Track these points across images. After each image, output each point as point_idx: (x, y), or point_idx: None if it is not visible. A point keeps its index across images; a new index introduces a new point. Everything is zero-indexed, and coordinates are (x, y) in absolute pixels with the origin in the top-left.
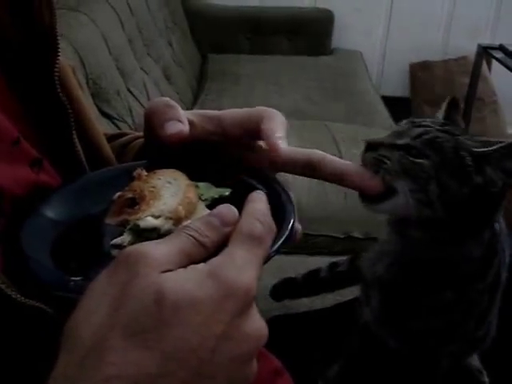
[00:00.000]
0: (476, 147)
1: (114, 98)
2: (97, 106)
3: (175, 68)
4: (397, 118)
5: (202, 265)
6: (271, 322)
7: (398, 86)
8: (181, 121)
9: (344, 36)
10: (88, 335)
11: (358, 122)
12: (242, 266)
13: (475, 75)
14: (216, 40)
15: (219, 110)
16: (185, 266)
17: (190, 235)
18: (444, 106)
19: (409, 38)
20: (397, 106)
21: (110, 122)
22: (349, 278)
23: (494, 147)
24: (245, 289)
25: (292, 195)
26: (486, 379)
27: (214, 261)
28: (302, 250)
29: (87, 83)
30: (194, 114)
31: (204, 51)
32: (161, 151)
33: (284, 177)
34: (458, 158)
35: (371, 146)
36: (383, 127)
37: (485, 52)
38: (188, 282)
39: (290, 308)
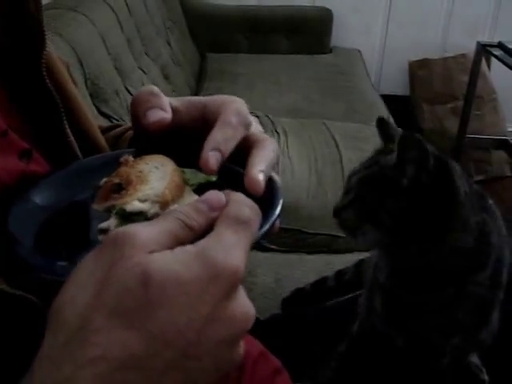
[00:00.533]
0: (389, 160)
1: (112, 97)
2: (95, 106)
3: (173, 67)
4: (396, 116)
5: (189, 246)
6: (270, 321)
7: (397, 84)
8: (163, 109)
9: (343, 34)
10: (73, 316)
11: (357, 120)
12: (229, 248)
13: (474, 73)
14: (215, 39)
15: None
16: (172, 248)
17: (178, 218)
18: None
19: (408, 35)
20: (396, 104)
21: (108, 122)
22: (355, 286)
23: (394, 151)
24: (232, 270)
25: (278, 179)
26: (486, 377)
27: (202, 242)
28: (301, 248)
29: (85, 83)
30: (180, 100)
31: (203, 50)
32: (148, 139)
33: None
34: (384, 178)
35: (336, 213)
36: None
37: (484, 50)
38: (175, 262)
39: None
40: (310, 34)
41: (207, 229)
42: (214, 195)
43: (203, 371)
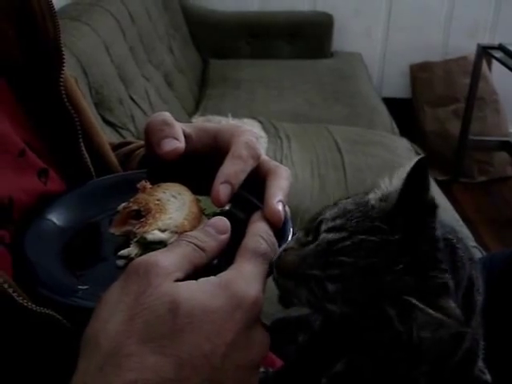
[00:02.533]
0: (407, 290)
1: (116, 106)
2: (100, 115)
3: (176, 74)
4: (399, 119)
5: (212, 278)
6: (274, 325)
7: (399, 88)
8: (177, 138)
9: (344, 39)
10: (106, 343)
11: (359, 124)
12: (249, 280)
13: (475, 75)
14: (217, 45)
15: (221, 114)
16: (189, 272)
17: (191, 242)
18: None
19: (408, 39)
20: (398, 108)
21: (113, 130)
22: None
23: (429, 312)
24: (253, 301)
25: (287, 209)
26: (489, 377)
27: (224, 275)
28: None
29: (90, 92)
30: (192, 126)
31: (205, 56)
32: (161, 164)
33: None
34: (379, 309)
35: (282, 273)
36: (384, 129)
37: (484, 52)
38: (200, 293)
39: (292, 310)
40: (312, 38)
41: (219, 251)
42: (219, 220)
43: None
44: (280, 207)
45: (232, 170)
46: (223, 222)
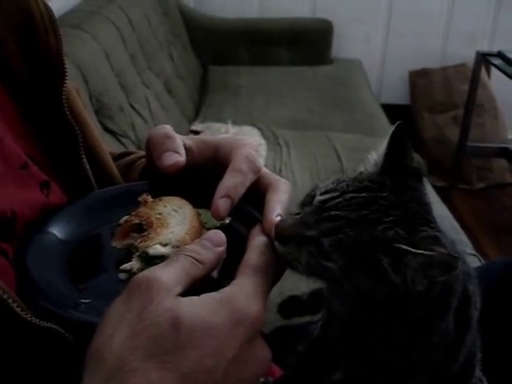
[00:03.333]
0: (399, 239)
1: (116, 113)
2: (100, 123)
3: (176, 81)
4: None
5: (214, 293)
6: (274, 333)
7: (397, 94)
8: (178, 152)
9: (343, 45)
10: (111, 358)
11: (358, 131)
12: (251, 296)
13: (474, 82)
14: (216, 52)
15: (220, 121)
16: (188, 285)
17: (188, 255)
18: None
19: (407, 45)
20: (397, 114)
21: (113, 138)
22: None
23: (420, 252)
24: (254, 317)
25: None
26: None
27: (225, 290)
28: None
29: (90, 100)
30: (193, 139)
31: (205, 63)
32: (162, 177)
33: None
34: (372, 259)
35: (281, 239)
36: (384, 136)
37: (483, 59)
38: (202, 308)
39: (293, 319)
40: (311, 45)
41: (217, 263)
42: (215, 234)
43: None
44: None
45: (232, 184)
46: (219, 235)
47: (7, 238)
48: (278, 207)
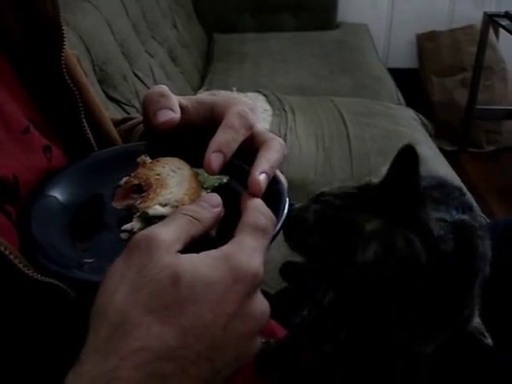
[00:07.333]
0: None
1: (120, 82)
2: (104, 92)
3: (181, 49)
4: (406, 90)
5: (213, 251)
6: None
7: (405, 58)
8: (172, 109)
9: (349, 9)
10: (114, 313)
11: (365, 95)
12: (250, 253)
13: (482, 43)
14: (221, 19)
15: (226, 88)
16: (187, 242)
17: (186, 214)
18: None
19: (414, 8)
20: (405, 78)
21: (117, 107)
22: None
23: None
24: (253, 273)
25: (283, 180)
26: (490, 340)
27: (225, 248)
28: None
29: (93, 70)
30: (189, 99)
31: (209, 31)
32: (159, 137)
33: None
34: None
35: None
36: (390, 100)
37: (491, 20)
38: (202, 264)
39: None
40: (316, 10)
41: (214, 221)
42: (211, 196)
43: (226, 361)
44: (261, 178)
45: (223, 139)
46: (215, 197)
47: (13, 200)
48: (265, 165)
